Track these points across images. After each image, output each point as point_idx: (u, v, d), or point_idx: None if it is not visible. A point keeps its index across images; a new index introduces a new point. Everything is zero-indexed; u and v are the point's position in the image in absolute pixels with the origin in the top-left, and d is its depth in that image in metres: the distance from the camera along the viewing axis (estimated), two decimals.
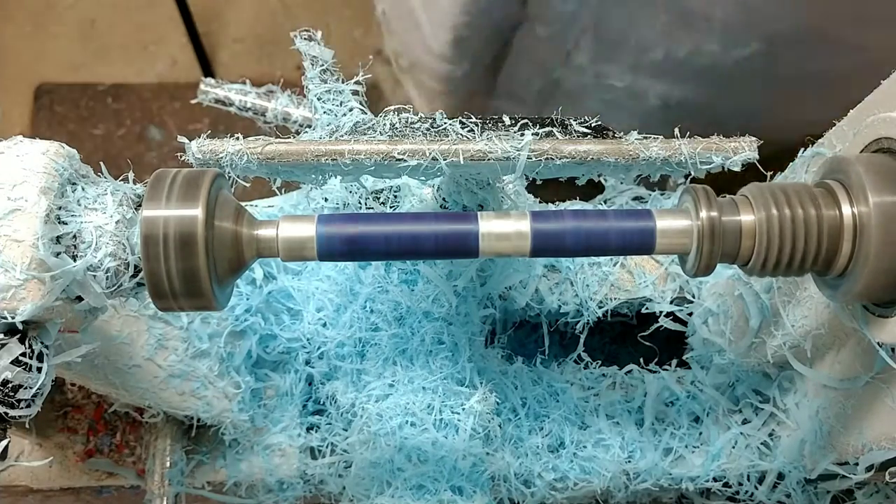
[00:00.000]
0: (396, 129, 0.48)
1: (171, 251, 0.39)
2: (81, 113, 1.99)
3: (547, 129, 0.47)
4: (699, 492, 0.69)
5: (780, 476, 0.66)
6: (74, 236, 0.42)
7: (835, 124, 0.52)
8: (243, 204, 0.43)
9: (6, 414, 0.41)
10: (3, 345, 0.41)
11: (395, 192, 0.61)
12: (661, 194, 0.68)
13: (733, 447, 0.67)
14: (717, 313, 0.66)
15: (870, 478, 0.58)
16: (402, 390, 0.62)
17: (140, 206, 0.41)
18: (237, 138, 0.45)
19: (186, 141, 0.45)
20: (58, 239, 0.41)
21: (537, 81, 0.80)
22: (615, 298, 0.67)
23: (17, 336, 0.41)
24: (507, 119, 0.48)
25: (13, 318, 0.41)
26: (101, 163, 0.44)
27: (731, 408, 0.68)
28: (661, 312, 0.68)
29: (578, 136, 0.47)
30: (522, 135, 0.47)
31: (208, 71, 2.00)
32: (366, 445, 0.62)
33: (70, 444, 0.65)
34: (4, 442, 0.42)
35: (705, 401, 0.69)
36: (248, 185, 0.47)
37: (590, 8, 0.73)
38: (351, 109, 0.50)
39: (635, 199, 0.69)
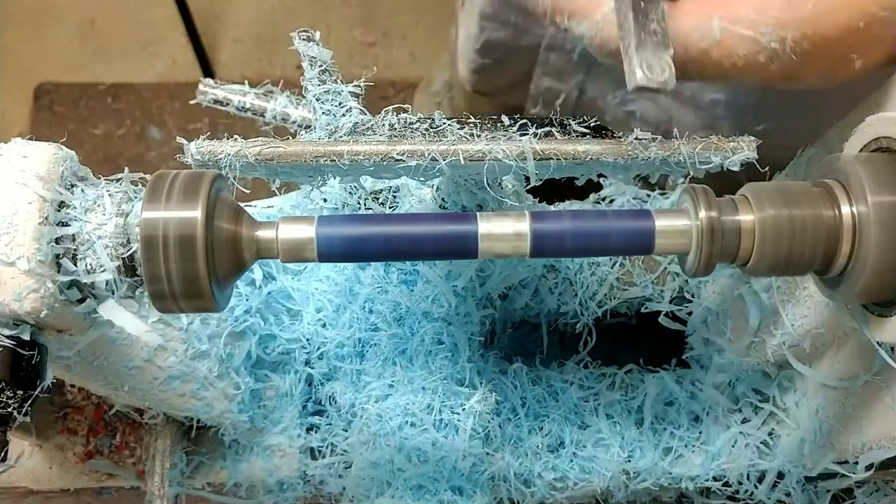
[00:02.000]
0: (395, 129, 0.48)
1: (171, 253, 0.39)
2: (81, 113, 1.99)
3: (546, 129, 0.47)
4: (699, 491, 0.69)
5: (780, 475, 0.66)
6: (74, 238, 0.42)
7: (834, 123, 0.52)
8: (242, 205, 0.43)
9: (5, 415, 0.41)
10: (3, 346, 0.41)
11: (395, 192, 0.61)
12: (661, 194, 0.68)
13: (733, 446, 0.67)
14: (717, 313, 0.66)
15: (869, 477, 0.58)
16: (401, 391, 0.62)
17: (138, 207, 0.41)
18: (236, 139, 0.45)
19: (185, 142, 0.45)
20: (57, 241, 0.41)
21: (563, 91, 0.83)
22: (614, 298, 0.67)
23: (16, 338, 0.41)
24: (506, 119, 0.48)
25: (12, 320, 0.41)
26: (101, 164, 0.44)
27: (730, 407, 0.68)
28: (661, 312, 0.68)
29: (577, 136, 0.47)
30: (522, 135, 0.47)
31: (208, 71, 2.00)
32: (366, 446, 0.62)
33: (70, 446, 0.65)
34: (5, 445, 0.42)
35: (705, 400, 0.69)
36: (248, 191, 0.47)
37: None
38: (349, 110, 0.50)
39: (635, 198, 0.69)
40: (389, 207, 0.62)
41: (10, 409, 0.41)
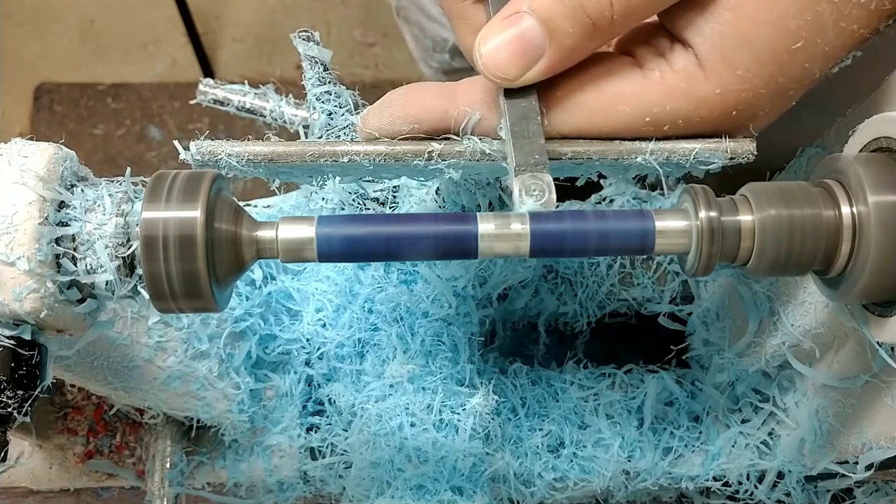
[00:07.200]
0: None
1: (171, 253, 0.39)
2: (81, 113, 1.99)
3: None
4: (699, 491, 0.69)
5: (780, 475, 0.66)
6: (74, 238, 0.42)
7: (834, 123, 0.52)
8: (242, 204, 0.43)
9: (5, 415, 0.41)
10: (3, 346, 0.41)
11: (395, 192, 0.61)
12: (661, 194, 0.68)
13: (733, 446, 0.67)
14: (717, 313, 0.66)
15: (869, 477, 0.58)
16: (401, 391, 0.62)
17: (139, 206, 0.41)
18: (235, 140, 0.45)
19: (184, 143, 0.45)
20: (57, 241, 0.41)
21: None
22: (614, 298, 0.67)
23: (16, 338, 0.41)
24: None
25: (13, 320, 0.41)
26: (101, 164, 0.44)
27: (730, 407, 0.68)
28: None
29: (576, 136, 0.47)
30: None
31: (208, 71, 2.01)
32: (366, 446, 0.62)
33: (70, 446, 0.65)
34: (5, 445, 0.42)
35: (705, 400, 0.69)
36: (248, 190, 0.47)
37: None
38: (349, 110, 0.50)
39: (635, 198, 0.69)
40: (389, 207, 0.62)
41: (10, 409, 0.41)
